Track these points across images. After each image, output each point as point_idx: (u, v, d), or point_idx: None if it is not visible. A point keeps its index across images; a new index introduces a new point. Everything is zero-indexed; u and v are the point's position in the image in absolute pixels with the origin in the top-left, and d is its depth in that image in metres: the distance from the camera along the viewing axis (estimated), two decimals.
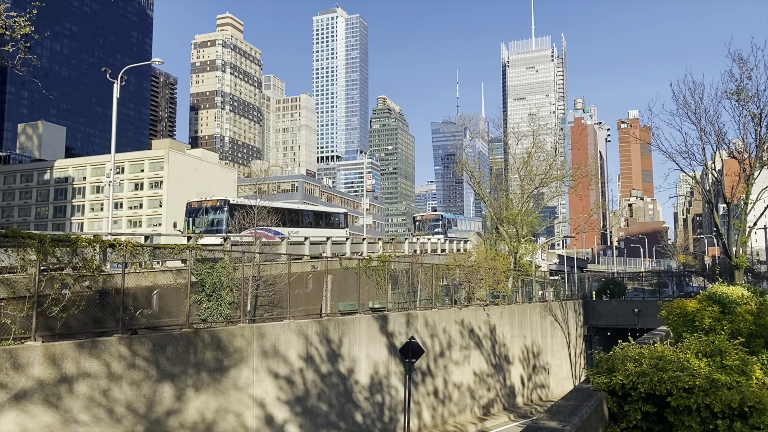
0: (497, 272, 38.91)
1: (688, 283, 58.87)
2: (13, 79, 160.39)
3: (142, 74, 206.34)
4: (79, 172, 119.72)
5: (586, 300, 50.28)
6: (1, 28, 16.54)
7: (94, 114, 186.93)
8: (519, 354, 36.89)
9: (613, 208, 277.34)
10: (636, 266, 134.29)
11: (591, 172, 60.46)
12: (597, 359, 11.43)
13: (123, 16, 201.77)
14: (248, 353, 17.92)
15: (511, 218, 49.36)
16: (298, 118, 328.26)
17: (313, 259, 31.26)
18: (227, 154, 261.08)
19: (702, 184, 37.26)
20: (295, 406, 19.31)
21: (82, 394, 13.49)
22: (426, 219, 70.03)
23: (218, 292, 19.76)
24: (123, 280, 15.52)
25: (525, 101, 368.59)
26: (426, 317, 27.80)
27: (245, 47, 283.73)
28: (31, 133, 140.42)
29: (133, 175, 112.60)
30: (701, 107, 33.16)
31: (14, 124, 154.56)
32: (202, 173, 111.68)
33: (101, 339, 14.28)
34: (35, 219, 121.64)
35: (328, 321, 21.83)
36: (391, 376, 24.50)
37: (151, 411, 14.89)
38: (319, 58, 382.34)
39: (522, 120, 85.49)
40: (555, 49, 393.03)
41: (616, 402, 10.19)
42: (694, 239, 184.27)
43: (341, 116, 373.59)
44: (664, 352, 10.69)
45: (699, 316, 17.86)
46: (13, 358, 12.46)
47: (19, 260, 13.76)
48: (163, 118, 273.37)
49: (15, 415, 12.31)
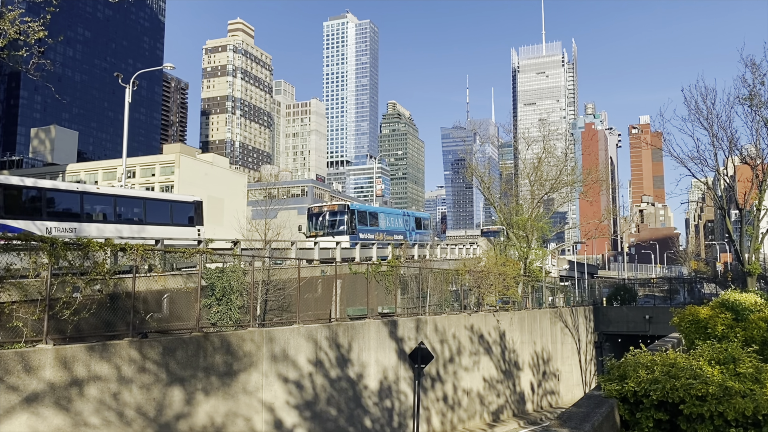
0: (507, 278, 38.75)
1: (700, 290, 58.38)
2: (27, 84, 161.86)
3: (153, 79, 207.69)
4: (90, 177, 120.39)
5: (596, 306, 49.99)
6: (15, 33, 16.70)
7: (106, 118, 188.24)
8: (529, 360, 36.70)
9: (624, 214, 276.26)
10: (647, 272, 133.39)
11: (602, 178, 60.06)
12: (608, 366, 11.34)
13: (135, 22, 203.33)
14: (258, 357, 17.92)
15: (521, 223, 49.18)
16: (308, 123, 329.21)
17: (323, 263, 31.29)
18: (238, 159, 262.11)
19: (714, 190, 36.95)
20: (304, 410, 19.29)
21: (92, 397, 13.53)
22: (324, 212, 47.53)
23: (228, 296, 19.79)
24: (134, 283, 15.57)
25: (535, 106, 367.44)
26: (435, 323, 27.72)
27: (256, 52, 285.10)
28: (43, 138, 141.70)
29: (144, 180, 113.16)
30: (713, 113, 33.01)
31: (27, 129, 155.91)
32: (213, 178, 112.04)
33: (112, 342, 14.32)
34: None
35: (338, 326, 21.80)
36: (400, 382, 24.44)
37: (160, 414, 14.92)
38: (329, 63, 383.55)
39: (532, 125, 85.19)
40: (566, 54, 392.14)
41: (628, 409, 10.10)
42: (706, 245, 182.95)
43: (351, 121, 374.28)
44: (676, 360, 10.60)
45: (711, 323, 17.72)
46: (25, 360, 12.52)
47: (32, 264, 13.85)
48: (174, 122, 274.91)
49: (26, 417, 12.36)
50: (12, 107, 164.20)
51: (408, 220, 56.44)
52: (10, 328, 13.13)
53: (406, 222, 55.64)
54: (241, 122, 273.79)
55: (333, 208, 47.38)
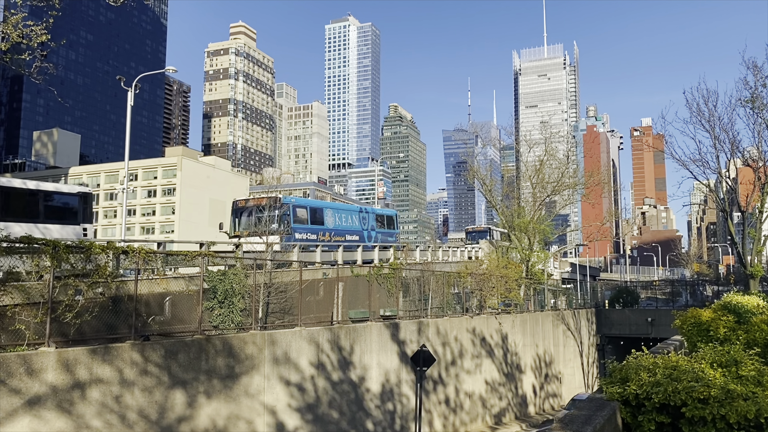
0: (509, 280, 38.75)
1: (702, 293, 58.29)
2: (29, 87, 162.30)
3: (155, 82, 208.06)
4: (93, 179, 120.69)
5: (598, 309, 49.94)
6: (18, 37, 16.77)
7: (108, 122, 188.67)
8: (531, 363, 36.66)
9: (626, 217, 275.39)
10: (649, 275, 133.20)
11: (603, 180, 60.00)
12: (610, 369, 11.34)
13: (137, 25, 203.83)
14: (259, 360, 17.93)
15: (523, 226, 49.19)
16: (309, 125, 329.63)
17: (325, 266, 31.29)
18: (239, 162, 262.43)
19: (716, 192, 36.94)
20: (306, 413, 19.29)
21: (94, 399, 13.55)
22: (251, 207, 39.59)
23: (230, 299, 19.79)
24: (136, 286, 15.60)
25: (537, 109, 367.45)
26: (437, 325, 27.71)
27: (258, 55, 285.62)
28: (46, 141, 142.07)
29: (147, 183, 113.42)
30: (715, 115, 33.00)
31: (30, 132, 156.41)
32: (215, 180, 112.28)
33: (114, 345, 14.35)
34: None
35: (339, 328, 21.81)
36: (402, 384, 24.42)
37: (162, 417, 14.93)
38: (331, 66, 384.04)
39: (534, 128, 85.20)
40: (567, 56, 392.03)
41: (630, 412, 10.10)
42: (708, 248, 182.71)
43: (353, 124, 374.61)
44: (678, 362, 10.59)
45: (714, 326, 17.70)
46: (27, 363, 12.55)
47: (34, 266, 13.88)
48: (177, 125, 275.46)
49: (28, 420, 12.37)
50: (15, 110, 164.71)
51: (366, 218, 48.80)
52: (12, 331, 13.16)
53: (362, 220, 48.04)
54: (243, 125, 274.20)
55: (261, 202, 38.91)
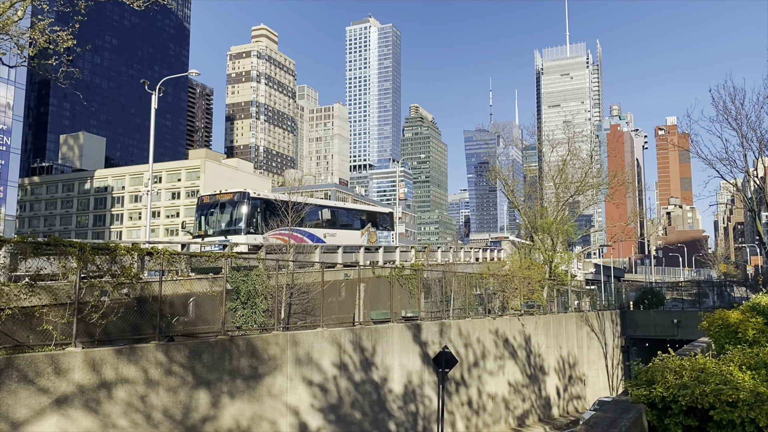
0: (532, 282, 38.46)
1: (729, 294, 57.29)
2: (56, 92, 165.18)
3: (179, 85, 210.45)
4: (118, 182, 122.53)
5: (623, 310, 49.37)
6: (45, 43, 17.05)
7: (133, 125, 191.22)
8: (554, 365, 36.35)
9: (651, 217, 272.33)
10: (675, 276, 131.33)
11: (628, 180, 59.31)
12: (635, 371, 11.19)
13: (161, 29, 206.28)
14: (282, 361, 18.01)
15: (546, 227, 48.78)
16: (331, 127, 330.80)
17: (346, 267, 31.34)
18: (262, 164, 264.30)
19: (743, 191, 36.28)
20: (328, 413, 19.33)
21: (120, 399, 13.72)
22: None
23: (253, 299, 19.93)
24: (160, 287, 15.76)
25: (560, 108, 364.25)
26: (459, 327, 27.60)
27: (279, 58, 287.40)
28: (72, 144, 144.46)
29: (171, 185, 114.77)
30: (742, 113, 32.34)
31: (57, 135, 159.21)
32: (238, 182, 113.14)
33: (139, 345, 14.52)
34: (76, 228, 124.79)
35: (361, 329, 21.83)
36: (424, 386, 24.37)
37: (187, 417, 15.07)
38: (352, 67, 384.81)
39: (557, 127, 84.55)
40: (590, 55, 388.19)
41: (656, 415, 9.94)
42: (736, 248, 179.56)
43: (374, 125, 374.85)
44: (706, 364, 10.41)
45: (742, 328, 17.35)
46: (55, 363, 12.75)
47: (61, 268, 14.10)
48: (200, 128, 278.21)
49: (56, 419, 12.58)
50: (42, 114, 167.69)
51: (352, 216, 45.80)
52: (40, 331, 13.39)
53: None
54: (265, 127, 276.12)
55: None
